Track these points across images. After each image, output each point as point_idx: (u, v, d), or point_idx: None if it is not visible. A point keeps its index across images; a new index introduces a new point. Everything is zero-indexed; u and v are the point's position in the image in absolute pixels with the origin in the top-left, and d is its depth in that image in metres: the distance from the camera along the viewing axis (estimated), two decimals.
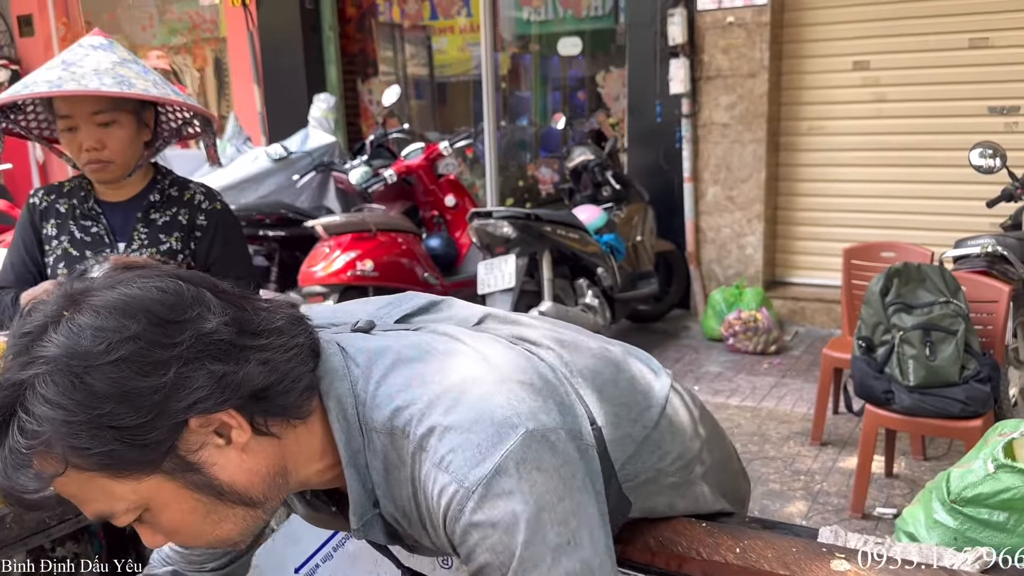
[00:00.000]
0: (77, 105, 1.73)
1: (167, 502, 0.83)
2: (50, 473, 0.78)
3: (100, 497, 0.81)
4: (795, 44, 5.09)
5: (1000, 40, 4.53)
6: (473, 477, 0.82)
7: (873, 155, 4.99)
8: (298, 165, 5.53)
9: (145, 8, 7.83)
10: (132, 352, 0.78)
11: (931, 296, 2.93)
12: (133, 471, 0.80)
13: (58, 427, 0.76)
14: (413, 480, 0.87)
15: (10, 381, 0.79)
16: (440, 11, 6.74)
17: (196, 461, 0.82)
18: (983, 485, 2.02)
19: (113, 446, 0.77)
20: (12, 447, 0.78)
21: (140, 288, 0.82)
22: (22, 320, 0.83)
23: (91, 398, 0.76)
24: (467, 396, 0.86)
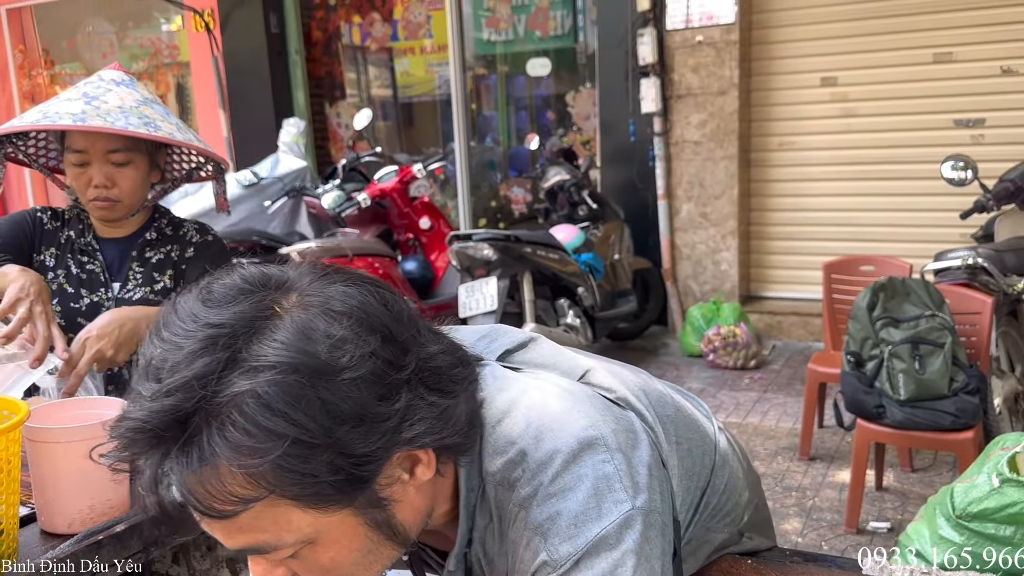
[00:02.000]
0: (94, 141, 1.69)
1: (339, 538, 0.74)
2: (246, 497, 0.67)
3: (271, 528, 0.71)
4: (764, 61, 5.15)
5: (963, 55, 4.63)
6: (564, 551, 0.77)
7: (843, 169, 5.06)
8: (269, 191, 5.46)
9: (104, 35, 7.71)
10: (372, 371, 0.69)
11: (917, 310, 2.96)
12: (332, 504, 0.71)
13: (286, 448, 0.65)
14: (509, 534, 0.83)
15: (208, 383, 0.66)
16: (405, 33, 6.72)
17: (384, 496, 0.75)
18: (988, 500, 2.03)
19: (334, 476, 0.68)
20: (209, 461, 0.66)
21: (365, 293, 0.74)
22: (192, 302, 0.72)
23: (329, 419, 0.67)
24: (578, 463, 0.81)
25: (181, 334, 0.70)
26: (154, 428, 0.67)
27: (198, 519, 0.71)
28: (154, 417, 0.67)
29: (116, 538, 1.14)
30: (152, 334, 0.73)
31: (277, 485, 0.67)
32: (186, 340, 0.69)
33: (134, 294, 1.80)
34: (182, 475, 0.67)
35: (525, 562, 0.80)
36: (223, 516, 0.69)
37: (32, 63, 8.01)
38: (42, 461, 1.18)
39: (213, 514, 0.68)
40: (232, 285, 0.73)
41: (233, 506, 0.68)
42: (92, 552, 1.11)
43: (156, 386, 0.68)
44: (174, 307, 0.74)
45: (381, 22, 6.79)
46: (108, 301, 1.79)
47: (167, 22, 7.38)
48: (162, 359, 0.70)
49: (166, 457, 0.68)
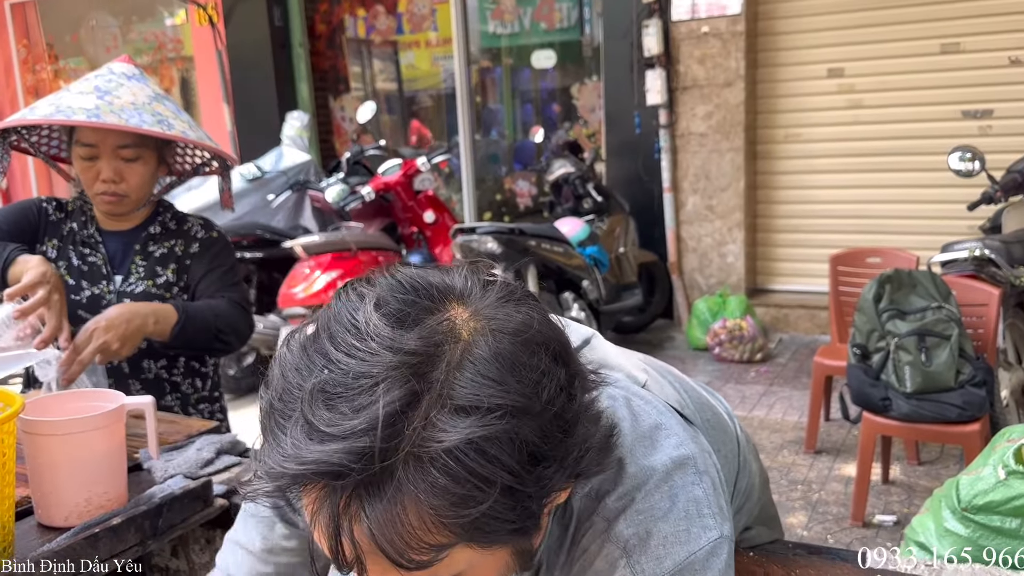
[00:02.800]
0: (104, 136, 1.68)
1: (487, 570, 0.68)
2: (439, 545, 0.60)
3: (431, 570, 0.65)
4: (770, 53, 5.12)
5: (971, 45, 4.59)
6: (650, 572, 0.74)
7: (850, 161, 5.03)
8: (273, 185, 5.45)
9: (108, 29, 7.70)
10: (562, 407, 0.64)
11: (923, 302, 2.93)
12: (506, 543, 0.65)
13: (497, 496, 0.59)
14: (581, 542, 0.79)
15: (410, 421, 0.59)
16: (410, 26, 6.70)
17: (535, 532, 0.69)
18: (994, 492, 2.01)
19: (526, 521, 0.63)
20: (407, 507, 0.59)
21: (544, 317, 0.67)
22: (369, 315, 0.63)
23: (534, 462, 0.61)
24: (670, 483, 0.78)
25: (361, 354, 0.61)
26: (344, 469, 0.58)
27: (367, 563, 0.63)
28: (348, 459, 0.58)
29: (113, 531, 1.13)
30: (307, 348, 0.64)
31: (472, 532, 0.61)
32: (371, 366, 0.60)
33: (136, 287, 1.79)
34: (375, 519, 0.59)
35: (599, 573, 0.77)
36: (419, 567, 0.61)
37: (36, 57, 8.01)
38: (39, 454, 1.17)
39: (408, 564, 0.61)
40: (407, 299, 0.65)
41: (427, 555, 0.61)
42: (89, 545, 1.10)
43: (342, 419, 0.59)
44: (338, 316, 0.64)
45: (385, 15, 6.77)
46: (110, 294, 1.78)
47: (171, 16, 7.37)
48: (342, 384, 0.60)
49: (354, 500, 0.60)
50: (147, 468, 1.36)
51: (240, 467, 1.41)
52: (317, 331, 0.64)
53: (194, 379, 1.89)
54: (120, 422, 1.22)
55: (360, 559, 0.62)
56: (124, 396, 1.25)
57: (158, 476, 1.33)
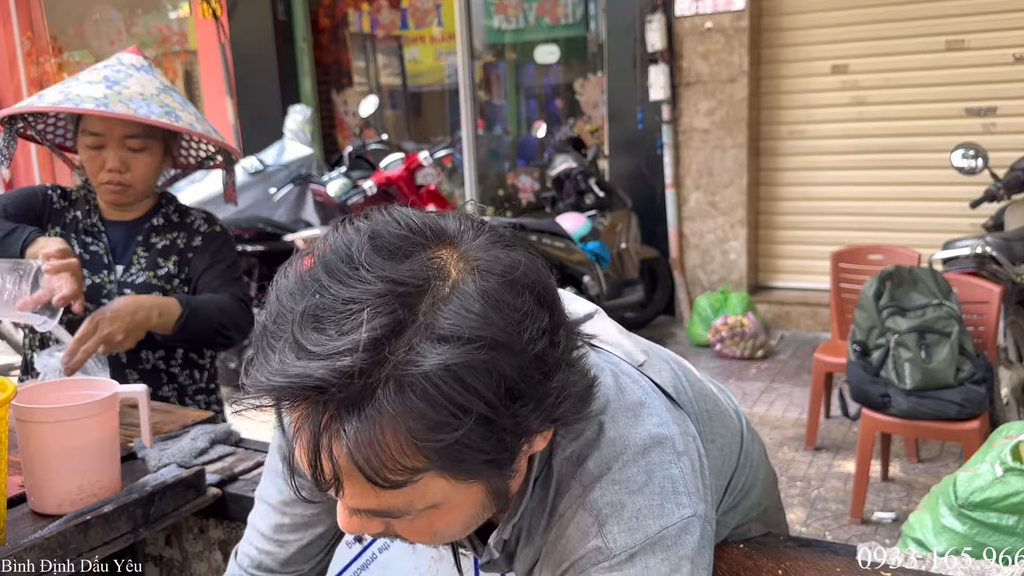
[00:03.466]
0: (112, 126, 1.69)
1: (461, 504, 0.72)
2: (413, 468, 0.63)
3: (408, 494, 0.67)
4: (774, 49, 5.10)
5: (976, 42, 4.57)
6: (621, 542, 0.76)
7: (854, 158, 5.01)
8: (275, 178, 5.45)
9: (112, 23, 7.70)
10: (543, 348, 0.66)
11: (924, 299, 2.93)
12: (478, 477, 0.69)
13: (471, 424, 0.62)
14: (557, 507, 0.81)
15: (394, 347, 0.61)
16: (414, 20, 6.70)
17: (510, 471, 0.72)
18: (991, 489, 2.01)
19: (498, 454, 0.66)
20: (386, 428, 0.61)
21: (533, 263, 0.69)
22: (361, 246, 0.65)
23: (510, 397, 0.64)
24: (647, 458, 0.79)
25: (351, 282, 0.63)
26: (327, 387, 0.61)
27: (344, 483, 0.66)
28: (330, 376, 0.61)
29: (104, 518, 1.13)
30: (302, 274, 0.66)
31: (446, 459, 0.64)
32: (361, 293, 0.63)
33: (137, 278, 1.79)
34: (353, 436, 0.62)
35: (571, 540, 0.78)
36: (392, 486, 0.64)
37: (40, 50, 8.01)
38: (31, 441, 1.17)
39: (382, 483, 0.64)
40: (400, 234, 0.67)
41: (401, 476, 0.64)
42: (80, 532, 1.10)
43: (328, 340, 0.61)
44: (334, 246, 0.66)
45: (389, 9, 6.77)
46: (110, 283, 1.79)
47: (174, 9, 7.37)
48: (331, 309, 0.63)
49: (335, 419, 0.62)
50: (141, 457, 1.36)
51: (234, 457, 1.41)
52: (314, 260, 0.67)
53: (192, 370, 1.89)
54: (113, 410, 1.22)
55: (338, 477, 0.64)
56: (117, 384, 1.25)
57: (152, 465, 1.33)
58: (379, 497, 0.67)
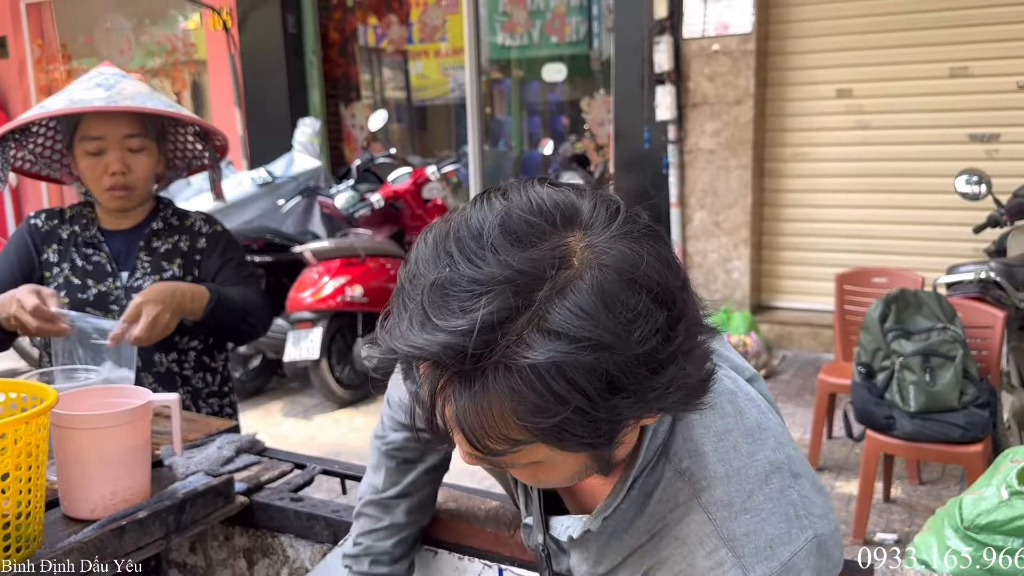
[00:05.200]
0: (114, 127, 1.72)
1: (563, 465, 0.77)
2: (515, 440, 0.69)
3: (511, 456, 0.73)
4: (779, 72, 5.16)
5: (979, 69, 4.63)
6: (761, 571, 0.79)
7: (857, 181, 5.06)
8: (283, 190, 5.48)
9: (122, 32, 7.76)
10: (654, 347, 0.68)
11: (928, 322, 2.96)
12: (581, 450, 0.73)
13: (568, 414, 0.66)
14: (670, 526, 0.84)
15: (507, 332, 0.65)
16: (421, 35, 6.76)
17: (617, 445, 0.76)
18: (997, 512, 2.03)
19: (596, 438, 0.69)
20: (492, 404, 0.67)
21: (658, 257, 0.70)
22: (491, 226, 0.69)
23: (611, 391, 0.67)
24: (769, 487, 0.83)
25: (477, 263, 0.68)
26: (443, 358, 0.67)
27: (455, 437, 0.72)
28: (444, 352, 0.66)
29: (139, 524, 1.15)
30: (439, 244, 0.71)
31: (546, 436, 0.69)
32: (484, 276, 0.67)
33: (144, 283, 1.81)
34: (462, 406, 0.68)
35: (699, 566, 0.82)
36: (491, 454, 0.70)
37: (50, 58, 8.06)
38: (67, 447, 1.20)
39: (483, 450, 0.70)
40: (529, 219, 0.70)
41: (502, 446, 0.69)
42: (116, 537, 1.13)
43: (449, 316, 0.67)
44: (469, 222, 0.71)
45: (398, 24, 6.83)
46: (116, 290, 1.81)
47: (184, 20, 7.43)
48: (457, 286, 0.68)
49: (449, 385, 0.68)
50: (168, 464, 1.38)
51: (259, 466, 1.44)
52: (449, 230, 0.71)
53: (204, 373, 1.91)
54: (147, 418, 1.25)
55: (449, 432, 0.71)
56: (151, 393, 1.28)
57: (180, 473, 1.35)
58: (491, 456, 0.72)
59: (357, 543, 1.17)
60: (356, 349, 4.67)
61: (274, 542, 1.34)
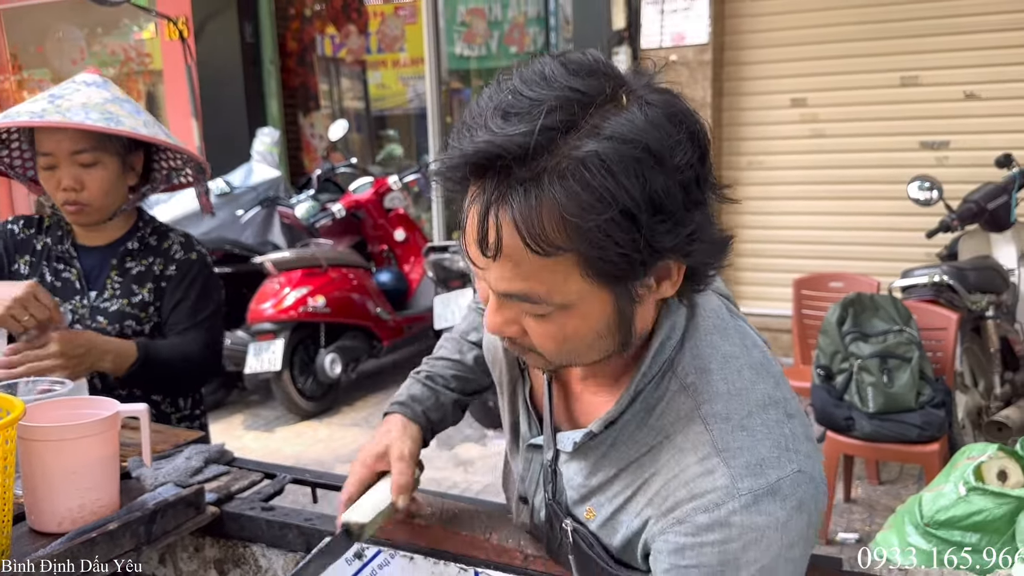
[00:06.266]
0: (59, 142, 1.65)
1: (590, 313, 0.82)
2: (557, 244, 0.75)
3: (549, 283, 0.79)
4: (735, 82, 5.24)
5: (929, 79, 4.75)
6: (747, 485, 0.83)
7: (813, 188, 5.16)
8: (242, 200, 5.43)
9: (74, 41, 7.62)
10: (690, 179, 0.76)
11: (885, 325, 3.03)
12: (608, 280, 0.79)
13: (613, 214, 0.73)
14: (670, 437, 0.88)
15: (561, 134, 0.73)
16: (382, 45, 6.75)
17: (637, 295, 0.83)
18: (955, 508, 2.09)
19: (630, 254, 0.75)
20: (543, 202, 0.73)
21: (693, 114, 0.79)
22: (551, 64, 0.77)
23: (652, 204, 0.74)
24: (766, 415, 0.87)
25: (540, 89, 0.75)
26: (504, 155, 0.73)
27: (499, 260, 0.78)
28: (508, 144, 0.73)
29: (109, 536, 1.14)
30: (497, 84, 0.78)
31: (588, 243, 0.75)
32: (543, 93, 0.75)
33: (111, 305, 1.76)
34: (517, 208, 0.74)
35: (689, 471, 0.86)
36: (533, 251, 0.75)
37: (0, 68, 7.90)
38: (33, 459, 1.17)
39: (534, 247, 0.75)
40: (588, 62, 0.78)
41: (544, 247, 0.75)
42: (85, 550, 1.11)
43: (507, 124, 0.74)
44: (530, 68, 0.78)
45: (356, 34, 6.81)
46: (83, 308, 1.75)
47: (139, 29, 7.33)
48: (515, 104, 0.75)
49: (504, 190, 0.75)
50: (136, 476, 1.36)
51: (229, 476, 1.42)
52: (511, 76, 0.79)
53: (175, 399, 1.86)
54: (115, 429, 1.23)
55: (497, 248, 0.77)
56: (119, 403, 1.26)
57: (148, 484, 1.33)
58: (526, 281, 0.79)
59: (425, 363, 1.27)
60: (319, 360, 4.64)
61: (246, 552, 1.33)
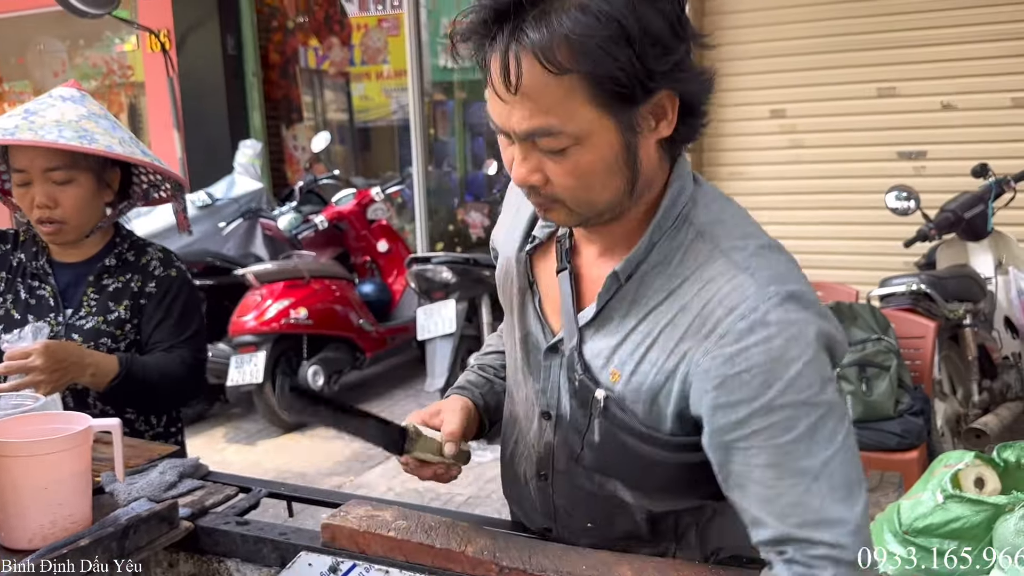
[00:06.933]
0: (32, 159, 1.63)
1: (599, 145, 0.93)
2: (564, 66, 0.88)
3: (562, 113, 0.91)
4: (715, 93, 5.26)
5: (906, 89, 4.81)
6: (775, 288, 0.92)
7: (792, 198, 5.19)
8: (224, 212, 5.42)
9: (56, 54, 7.59)
10: (671, 15, 0.91)
11: (864, 333, 3.05)
12: (612, 105, 0.91)
13: (611, 32, 0.87)
14: (695, 272, 0.98)
15: None
16: (365, 58, 6.76)
17: (639, 126, 0.94)
18: (933, 516, 2.10)
19: (629, 70, 0.88)
20: (554, 32, 0.87)
21: None
22: None
23: (642, 28, 0.88)
24: (777, 251, 1.00)
25: None
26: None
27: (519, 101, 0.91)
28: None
29: (81, 552, 1.13)
30: None
31: (591, 63, 0.88)
32: None
33: (86, 322, 1.73)
34: (530, 36, 0.88)
35: (721, 292, 0.95)
36: (548, 71, 0.88)
37: None
38: (2, 475, 1.16)
39: (546, 66, 0.88)
40: None
41: (556, 66, 0.88)
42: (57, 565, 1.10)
43: None
44: None
45: (339, 46, 6.82)
46: (57, 326, 1.72)
47: (121, 42, 7.31)
48: None
49: (520, 30, 0.89)
50: (109, 491, 1.35)
51: (203, 490, 1.41)
52: None
53: (148, 416, 1.83)
54: (87, 444, 1.22)
55: (519, 74, 0.89)
56: (90, 418, 1.25)
57: (122, 499, 1.32)
58: (546, 115, 0.91)
59: (474, 358, 1.38)
60: (301, 372, 4.62)
61: (220, 567, 1.32)
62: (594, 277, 1.07)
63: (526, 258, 1.16)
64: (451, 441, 1.16)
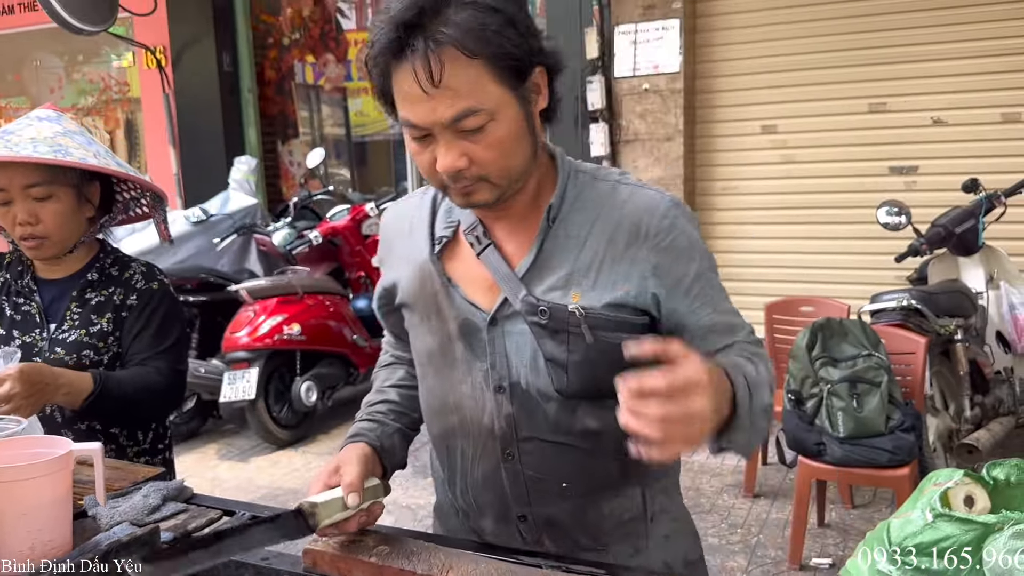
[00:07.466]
0: (11, 177, 1.65)
1: (509, 117, 1.11)
2: (471, 50, 1.05)
3: (475, 93, 1.07)
4: (707, 109, 5.31)
5: (897, 105, 4.83)
6: (668, 195, 1.22)
7: (784, 213, 5.21)
8: (218, 228, 5.42)
9: (52, 70, 7.62)
10: (525, 19, 1.12)
11: (854, 349, 3.06)
12: (508, 79, 1.10)
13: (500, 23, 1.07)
14: (608, 200, 1.21)
15: None
16: (360, 73, 6.78)
17: (529, 98, 1.14)
18: (923, 534, 2.08)
19: (517, 48, 1.08)
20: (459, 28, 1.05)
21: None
22: None
23: (515, 23, 1.10)
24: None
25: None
26: (425, 7, 1.06)
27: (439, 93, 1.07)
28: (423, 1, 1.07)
29: None
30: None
31: (492, 47, 1.07)
32: None
33: (69, 335, 1.75)
34: (442, 36, 1.05)
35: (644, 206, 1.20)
36: (464, 55, 1.05)
37: None
38: None
39: (462, 51, 1.05)
40: None
41: (468, 51, 1.05)
42: None
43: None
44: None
45: (335, 63, 6.84)
46: (42, 341, 1.74)
47: (118, 58, 7.33)
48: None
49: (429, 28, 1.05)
50: (92, 515, 1.35)
51: (187, 514, 1.41)
52: None
53: (134, 432, 1.83)
54: (67, 469, 1.22)
55: (441, 67, 1.05)
56: (72, 442, 1.25)
57: (103, 523, 1.32)
58: (464, 98, 1.06)
59: (361, 408, 1.43)
60: (295, 388, 4.62)
61: None
62: (513, 247, 1.24)
63: (437, 259, 1.27)
64: (352, 492, 1.21)
